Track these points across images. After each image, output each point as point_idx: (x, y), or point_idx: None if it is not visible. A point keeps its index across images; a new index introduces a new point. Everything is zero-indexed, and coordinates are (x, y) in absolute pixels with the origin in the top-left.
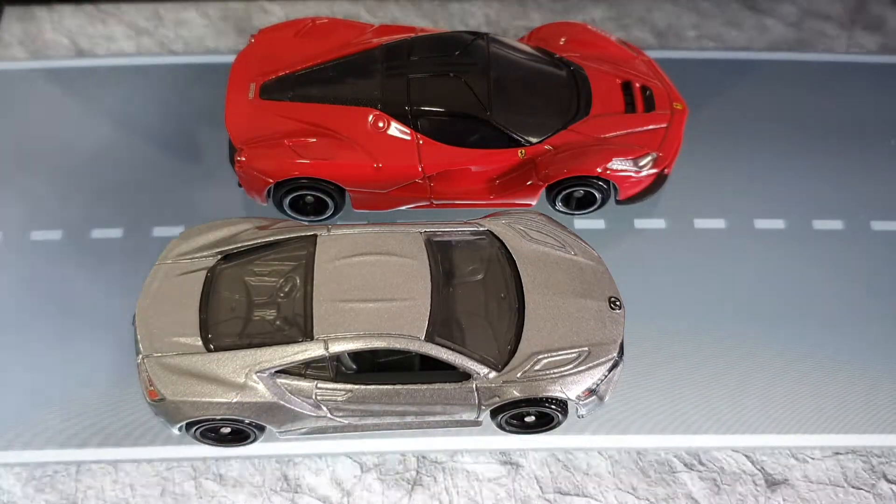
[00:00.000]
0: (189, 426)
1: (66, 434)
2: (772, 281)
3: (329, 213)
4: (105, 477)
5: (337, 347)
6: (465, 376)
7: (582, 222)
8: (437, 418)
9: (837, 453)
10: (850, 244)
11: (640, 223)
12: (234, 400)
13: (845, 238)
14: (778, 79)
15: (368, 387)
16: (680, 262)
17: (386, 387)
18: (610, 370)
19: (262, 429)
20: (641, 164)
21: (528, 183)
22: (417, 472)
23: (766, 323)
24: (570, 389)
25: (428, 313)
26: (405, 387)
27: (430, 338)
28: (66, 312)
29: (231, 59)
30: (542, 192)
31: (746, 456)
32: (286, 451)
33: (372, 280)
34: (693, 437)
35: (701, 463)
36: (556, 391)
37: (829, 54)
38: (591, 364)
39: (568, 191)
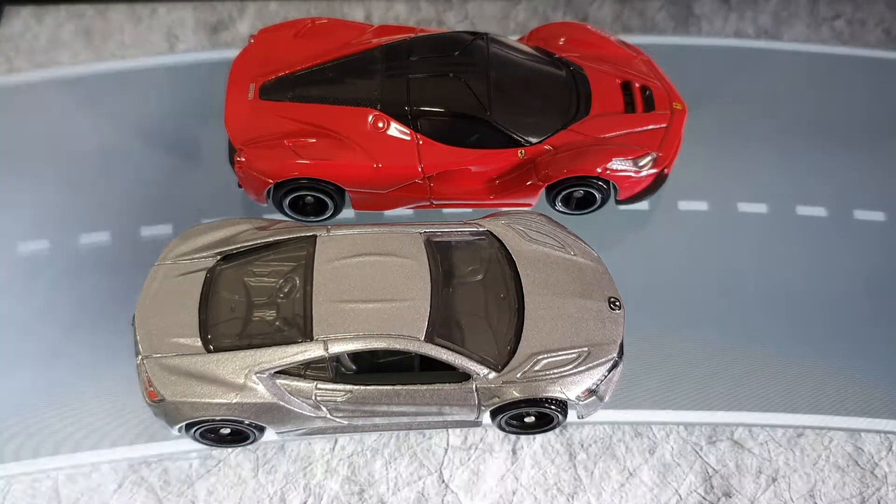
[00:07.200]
0: (189, 427)
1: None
2: (812, 267)
3: (329, 213)
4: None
5: (336, 348)
6: (465, 377)
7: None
8: (437, 419)
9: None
10: (891, 234)
11: (683, 205)
12: (234, 401)
13: (886, 228)
14: (818, 69)
15: (368, 387)
16: (719, 244)
17: (385, 387)
18: (610, 370)
19: (261, 429)
20: (641, 164)
21: (528, 183)
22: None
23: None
24: (570, 390)
25: (427, 314)
26: (405, 387)
27: (429, 338)
28: (67, 314)
29: (230, 58)
30: (542, 192)
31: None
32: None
33: (371, 280)
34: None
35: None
36: (555, 391)
37: (869, 49)
38: (590, 364)
39: (568, 191)
